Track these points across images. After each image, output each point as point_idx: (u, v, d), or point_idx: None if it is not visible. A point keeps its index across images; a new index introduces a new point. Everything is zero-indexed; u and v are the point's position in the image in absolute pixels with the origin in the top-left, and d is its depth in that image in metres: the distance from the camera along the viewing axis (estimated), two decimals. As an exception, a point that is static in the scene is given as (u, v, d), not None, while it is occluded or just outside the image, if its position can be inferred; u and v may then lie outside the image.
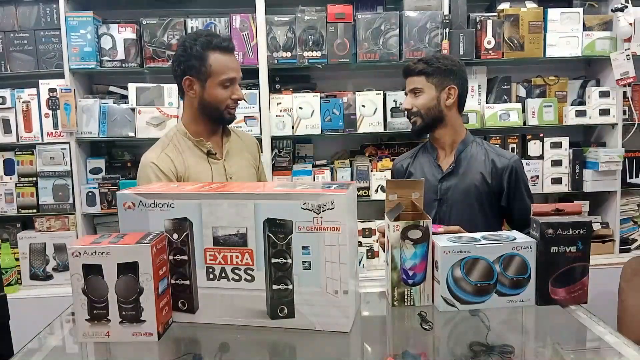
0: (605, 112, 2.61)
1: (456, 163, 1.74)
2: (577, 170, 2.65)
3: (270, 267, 1.04)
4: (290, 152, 2.68)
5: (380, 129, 2.57)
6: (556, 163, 2.64)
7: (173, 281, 1.09)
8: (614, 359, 0.95)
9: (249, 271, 1.06)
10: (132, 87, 2.52)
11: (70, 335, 1.12)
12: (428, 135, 1.86)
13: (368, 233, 2.63)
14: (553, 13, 2.56)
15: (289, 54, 2.50)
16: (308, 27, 2.48)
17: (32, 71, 2.50)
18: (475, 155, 1.74)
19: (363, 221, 2.62)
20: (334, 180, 2.64)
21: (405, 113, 1.81)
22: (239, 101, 1.61)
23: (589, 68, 2.85)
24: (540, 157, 2.65)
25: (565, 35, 2.56)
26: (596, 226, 2.70)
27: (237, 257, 1.05)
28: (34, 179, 2.53)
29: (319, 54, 2.50)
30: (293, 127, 2.55)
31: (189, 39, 1.55)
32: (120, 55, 2.48)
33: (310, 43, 2.49)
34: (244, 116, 2.50)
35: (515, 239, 1.15)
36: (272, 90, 2.58)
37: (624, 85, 2.59)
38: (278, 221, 1.02)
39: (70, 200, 2.53)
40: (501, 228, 1.82)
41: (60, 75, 2.48)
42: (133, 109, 2.51)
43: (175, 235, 1.08)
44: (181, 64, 1.55)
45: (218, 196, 1.05)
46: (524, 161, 2.55)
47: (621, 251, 2.70)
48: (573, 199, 2.76)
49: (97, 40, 2.47)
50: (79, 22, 2.43)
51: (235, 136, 1.72)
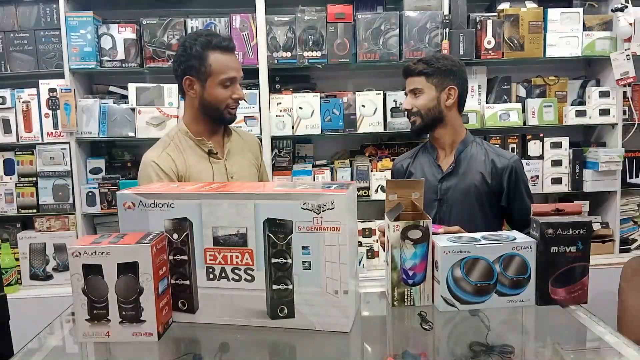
0: (605, 112, 2.61)
1: (456, 163, 1.74)
2: (577, 170, 2.65)
3: (270, 267, 1.04)
4: (290, 152, 2.68)
5: (380, 129, 2.57)
6: (556, 163, 2.64)
7: (173, 281, 1.09)
8: (614, 359, 0.95)
9: (249, 271, 1.06)
10: (132, 87, 2.52)
11: (70, 335, 1.12)
12: (428, 135, 1.86)
13: (368, 233, 2.62)
14: (553, 13, 2.56)
15: (289, 54, 2.50)
16: (308, 27, 2.48)
17: (32, 71, 2.50)
18: (475, 155, 1.74)
19: (363, 221, 2.62)
20: (334, 180, 2.64)
21: (405, 113, 1.81)
22: (239, 101, 1.60)
23: (589, 68, 2.85)
24: (540, 157, 2.65)
25: (565, 35, 2.56)
26: (596, 226, 2.70)
27: (237, 257, 1.05)
28: (34, 179, 2.53)
29: (319, 54, 2.50)
30: (293, 127, 2.55)
31: (189, 39, 1.56)
32: (120, 55, 2.48)
33: (310, 43, 2.49)
34: (244, 116, 2.50)
35: (515, 239, 1.15)
36: (272, 90, 2.58)
37: (624, 85, 2.59)
38: (278, 221, 1.02)
39: (70, 200, 2.53)
40: (501, 228, 1.82)
41: (60, 75, 2.48)
42: (133, 109, 2.51)
43: (175, 235, 1.08)
44: (181, 63, 1.55)
45: (218, 196, 1.05)
46: (524, 161, 2.55)
47: (621, 251, 2.70)
48: (573, 199, 2.76)
49: (97, 40, 2.47)
50: (79, 22, 2.43)
51: (236, 136, 1.72)
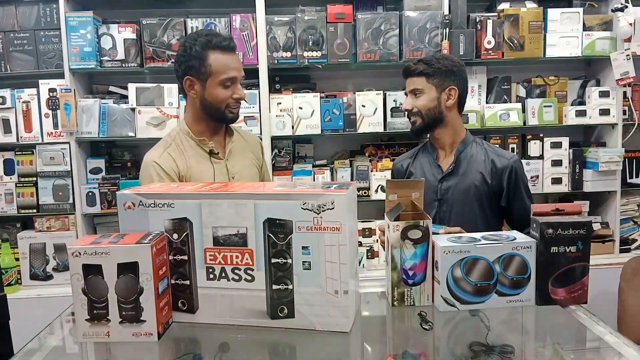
0: (605, 112, 2.61)
1: (456, 163, 1.74)
2: (577, 170, 2.65)
3: (270, 267, 1.04)
4: (290, 152, 2.68)
5: (380, 129, 2.57)
6: (556, 163, 2.64)
7: (173, 281, 1.09)
8: (614, 359, 0.95)
9: (249, 271, 1.06)
10: (132, 87, 2.52)
11: (70, 335, 1.12)
12: (428, 135, 1.86)
13: (368, 233, 2.62)
14: (553, 13, 2.56)
15: (289, 54, 2.50)
16: (308, 27, 2.48)
17: (32, 71, 2.50)
18: (475, 155, 1.74)
19: (363, 221, 2.62)
20: (334, 180, 2.64)
21: (405, 113, 1.81)
22: (240, 100, 1.60)
23: (589, 68, 2.85)
24: (540, 157, 2.65)
25: (565, 35, 2.56)
26: (596, 226, 2.70)
27: (237, 257, 1.05)
28: (34, 179, 2.53)
29: (319, 54, 2.50)
30: (293, 127, 2.55)
31: (189, 39, 1.56)
32: (120, 55, 2.48)
33: (310, 43, 2.49)
34: (244, 116, 2.50)
35: (515, 239, 1.15)
36: (272, 90, 2.58)
37: (624, 85, 2.59)
38: (278, 221, 1.02)
39: (70, 200, 2.53)
40: (501, 228, 1.82)
41: (60, 75, 2.47)
42: (133, 109, 2.51)
43: (175, 235, 1.08)
44: (182, 64, 1.55)
45: (218, 196, 1.05)
46: (524, 161, 2.55)
47: (621, 251, 2.70)
48: (573, 199, 2.76)
49: (97, 40, 2.47)
50: (79, 22, 2.43)
51: (238, 136, 1.72)
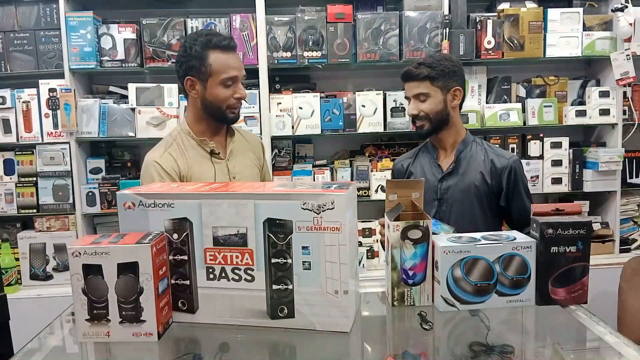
0: (605, 112, 2.61)
1: (456, 163, 1.74)
2: (577, 170, 2.65)
3: (270, 267, 1.04)
4: (290, 152, 2.68)
5: (380, 129, 2.57)
6: (556, 163, 2.64)
7: (173, 281, 1.09)
8: (614, 359, 0.95)
9: (249, 271, 1.06)
10: (132, 87, 2.52)
11: (70, 335, 1.12)
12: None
13: (368, 233, 2.62)
14: (553, 13, 2.56)
15: (289, 54, 2.50)
16: (308, 27, 2.48)
17: (32, 71, 2.50)
18: (475, 155, 1.74)
19: (363, 221, 2.62)
20: (334, 180, 2.64)
21: (410, 118, 1.78)
22: (241, 100, 1.59)
23: (589, 68, 2.85)
24: (540, 157, 2.65)
25: (565, 35, 2.56)
26: (596, 226, 2.70)
27: (237, 257, 1.05)
28: (34, 179, 2.53)
29: (319, 54, 2.50)
30: (293, 127, 2.55)
31: (189, 39, 1.55)
32: (120, 55, 2.48)
33: (310, 43, 2.49)
34: (244, 116, 2.50)
35: (515, 239, 1.14)
36: (272, 90, 2.58)
37: (624, 85, 2.59)
38: (278, 221, 1.02)
39: (70, 200, 2.53)
40: (501, 228, 1.82)
41: (60, 75, 2.48)
42: (133, 109, 2.51)
43: (175, 235, 1.08)
44: (182, 64, 1.55)
45: (218, 196, 1.05)
46: (524, 161, 2.55)
47: (621, 251, 2.70)
48: (573, 199, 2.76)
49: (97, 40, 2.47)
50: (79, 22, 2.43)
51: (239, 136, 1.72)
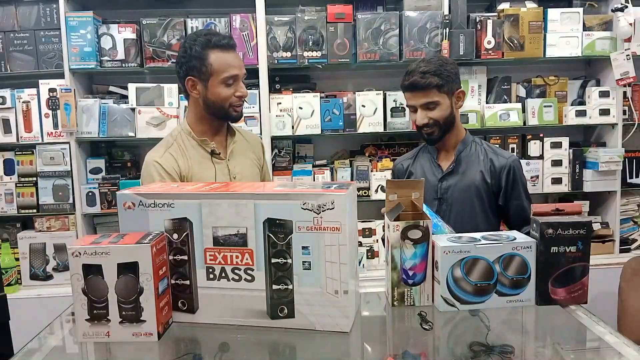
0: (605, 112, 2.61)
1: (456, 163, 1.74)
2: (577, 170, 2.65)
3: (270, 267, 1.04)
4: (290, 152, 2.68)
5: (380, 129, 2.57)
6: (556, 163, 2.64)
7: (173, 281, 1.09)
8: (614, 359, 0.95)
9: (249, 271, 1.06)
10: (132, 87, 2.52)
11: (70, 335, 1.12)
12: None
13: (368, 233, 2.62)
14: (553, 13, 2.56)
15: (289, 54, 2.50)
16: (308, 27, 2.48)
17: (32, 71, 2.50)
18: (474, 155, 1.75)
19: (363, 221, 2.62)
20: (334, 180, 2.64)
21: (418, 126, 1.73)
22: (243, 98, 1.59)
23: (589, 68, 2.85)
24: (540, 157, 2.65)
25: (565, 35, 2.56)
26: (596, 226, 2.70)
27: (237, 257, 1.05)
28: (34, 179, 2.53)
29: (319, 54, 2.50)
30: (293, 127, 2.55)
31: (188, 40, 1.55)
32: (120, 55, 2.48)
33: (310, 43, 2.49)
34: (244, 116, 2.50)
35: (515, 239, 1.15)
36: (272, 90, 2.58)
37: (624, 85, 2.59)
38: (278, 221, 1.02)
39: (70, 200, 2.53)
40: (501, 227, 1.82)
41: (60, 75, 2.48)
42: (133, 109, 2.51)
43: (175, 235, 1.08)
44: (183, 65, 1.55)
45: (218, 196, 1.05)
46: (524, 161, 2.55)
47: (621, 251, 2.70)
48: (573, 199, 2.76)
49: (97, 40, 2.47)
50: (79, 22, 2.43)
51: (240, 136, 1.72)
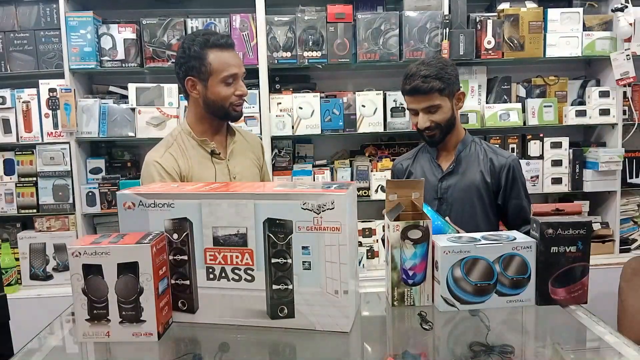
0: (605, 112, 2.61)
1: (456, 162, 1.74)
2: (577, 170, 2.65)
3: (270, 267, 1.04)
4: (290, 152, 2.68)
5: (380, 129, 2.57)
6: (556, 163, 2.64)
7: (173, 281, 1.09)
8: (614, 359, 0.95)
9: (249, 271, 1.06)
10: (132, 87, 2.52)
11: (70, 335, 1.12)
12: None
13: (368, 233, 2.62)
14: (553, 13, 2.56)
15: (289, 54, 2.50)
16: (308, 27, 2.48)
17: (32, 71, 2.50)
18: (474, 155, 1.75)
19: (363, 221, 2.62)
20: (334, 180, 2.64)
21: (419, 129, 1.73)
22: (243, 97, 1.59)
23: (589, 68, 2.85)
24: (540, 157, 2.65)
25: (565, 35, 2.56)
26: (596, 226, 2.70)
27: (237, 257, 1.05)
28: (34, 179, 2.53)
29: (319, 54, 2.50)
30: (293, 127, 2.55)
31: (187, 40, 1.55)
32: (120, 55, 2.48)
33: (310, 43, 2.49)
34: (244, 116, 2.50)
35: (515, 239, 1.15)
36: (272, 90, 2.58)
37: (624, 85, 2.59)
38: (278, 221, 1.02)
39: (70, 200, 2.53)
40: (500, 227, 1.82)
41: (60, 75, 2.48)
42: (133, 109, 2.51)
43: (175, 235, 1.08)
44: (182, 65, 1.55)
45: (218, 196, 1.05)
46: (524, 161, 2.56)
47: (621, 251, 2.70)
48: (573, 199, 2.76)
49: (97, 40, 2.47)
50: (79, 22, 2.43)
51: (239, 136, 1.72)
